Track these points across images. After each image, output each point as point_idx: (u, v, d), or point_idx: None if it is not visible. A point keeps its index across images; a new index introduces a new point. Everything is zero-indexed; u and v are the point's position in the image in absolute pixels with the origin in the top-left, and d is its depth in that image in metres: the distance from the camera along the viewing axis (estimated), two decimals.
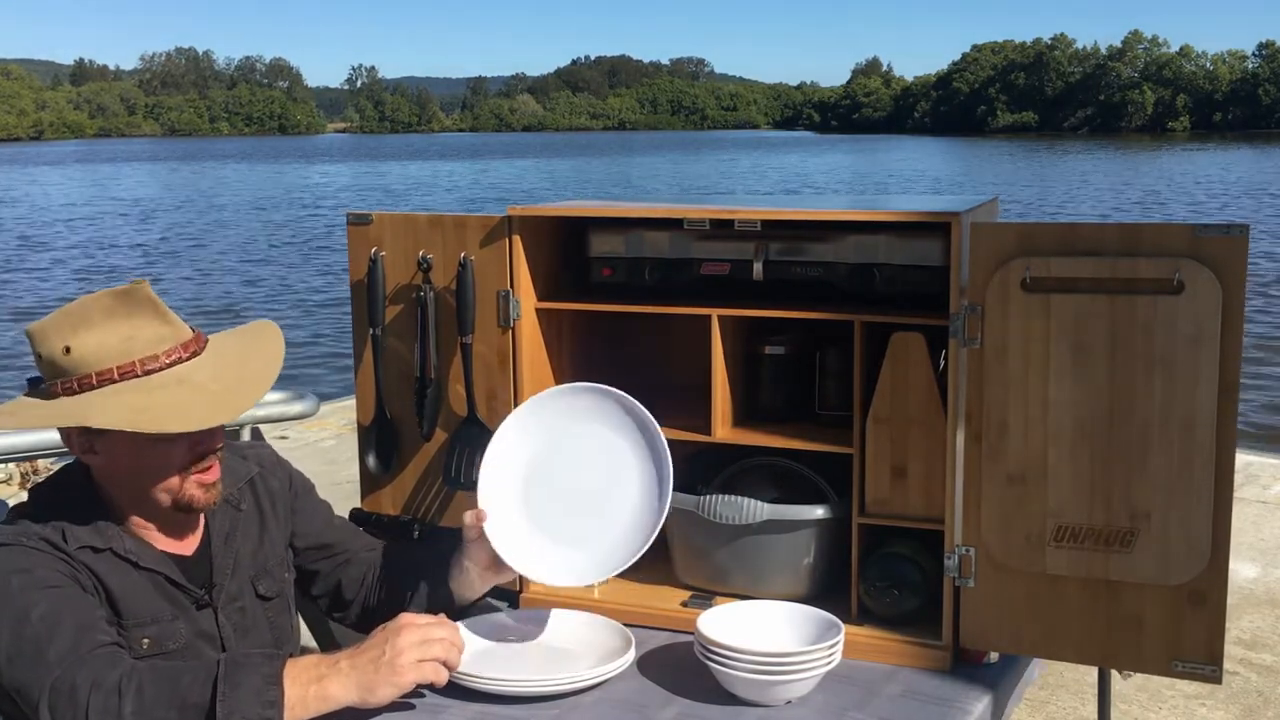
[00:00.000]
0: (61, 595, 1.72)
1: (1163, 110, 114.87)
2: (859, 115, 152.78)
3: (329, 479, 2.29)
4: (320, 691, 1.69)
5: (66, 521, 1.79)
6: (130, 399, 1.73)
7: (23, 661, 1.66)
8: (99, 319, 1.75)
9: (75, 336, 1.74)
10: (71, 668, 1.64)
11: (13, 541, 1.75)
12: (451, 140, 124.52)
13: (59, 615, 1.69)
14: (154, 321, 1.77)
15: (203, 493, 1.83)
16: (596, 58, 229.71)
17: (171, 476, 1.81)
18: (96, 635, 1.70)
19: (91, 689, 1.62)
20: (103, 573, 1.78)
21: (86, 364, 1.74)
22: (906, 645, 2.03)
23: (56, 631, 1.67)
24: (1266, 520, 5.49)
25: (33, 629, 1.67)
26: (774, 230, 2.21)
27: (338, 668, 1.71)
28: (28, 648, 1.66)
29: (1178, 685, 3.81)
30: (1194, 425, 1.82)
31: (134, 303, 1.76)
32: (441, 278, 2.27)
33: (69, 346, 1.74)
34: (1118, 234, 1.84)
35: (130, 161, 69.86)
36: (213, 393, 1.77)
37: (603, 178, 46.10)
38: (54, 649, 1.65)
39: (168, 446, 1.78)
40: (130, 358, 1.74)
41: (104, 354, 1.74)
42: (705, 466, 2.32)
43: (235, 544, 1.96)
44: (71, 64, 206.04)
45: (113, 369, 1.74)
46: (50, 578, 1.73)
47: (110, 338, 1.74)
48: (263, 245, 22.35)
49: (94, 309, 1.76)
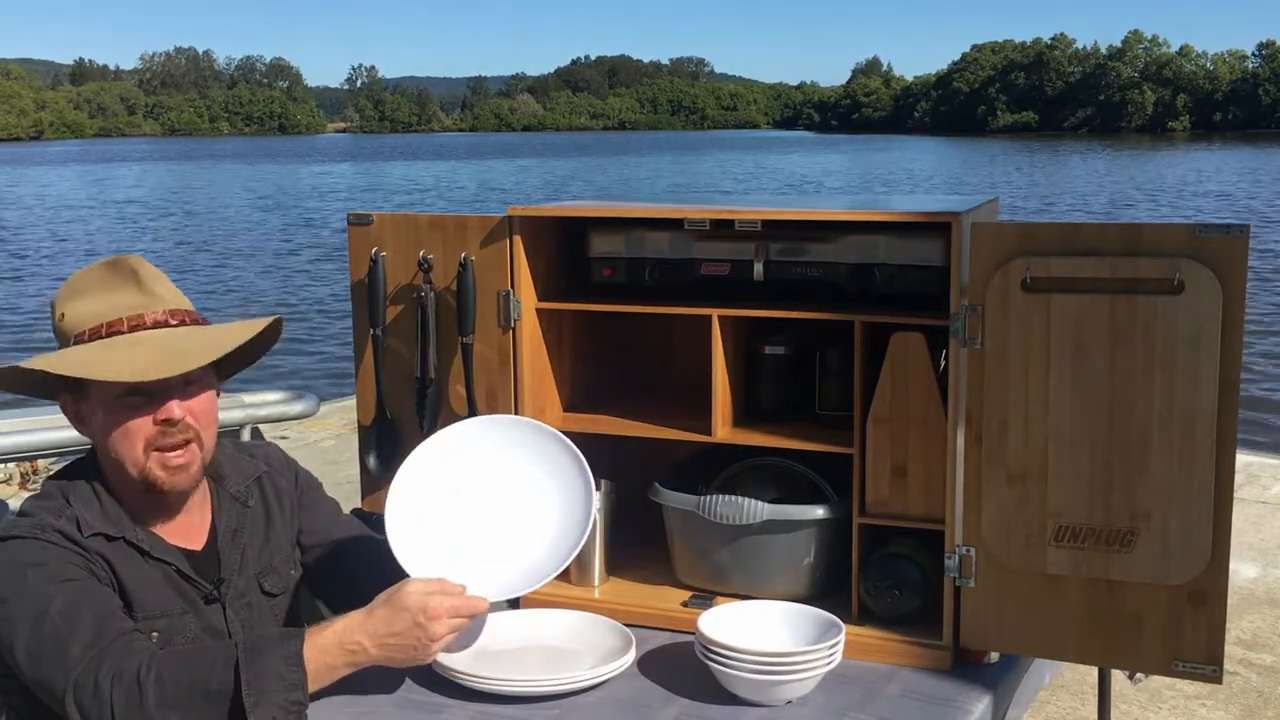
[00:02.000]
0: (78, 588, 1.74)
1: (1163, 110, 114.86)
2: (859, 115, 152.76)
3: (329, 479, 2.30)
4: (349, 664, 1.77)
5: (80, 509, 1.81)
6: (83, 353, 1.80)
7: (45, 658, 1.67)
8: (87, 287, 1.85)
9: (68, 304, 1.85)
10: (94, 661, 1.66)
11: (27, 535, 1.77)
12: (451, 140, 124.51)
13: (78, 608, 1.71)
14: (132, 291, 1.84)
15: (166, 474, 1.84)
16: (596, 58, 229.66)
17: (136, 449, 1.82)
18: (115, 624, 1.72)
19: (114, 682, 1.64)
20: (116, 562, 1.81)
21: (73, 328, 1.83)
22: (907, 645, 2.03)
23: (77, 625, 1.69)
24: (1266, 520, 5.49)
25: (52, 624, 1.68)
26: (774, 230, 2.21)
27: (369, 653, 1.77)
28: (48, 644, 1.68)
29: (1178, 685, 3.81)
30: (1194, 425, 1.82)
31: (119, 273, 1.85)
32: (442, 278, 2.27)
33: (63, 314, 1.85)
34: (1118, 234, 1.84)
35: (134, 161, 69.86)
36: (162, 351, 1.79)
37: (603, 179, 46.09)
38: (76, 643, 1.67)
39: (127, 411, 1.81)
40: (101, 320, 1.82)
41: (84, 318, 1.83)
42: (705, 466, 2.32)
43: (242, 540, 1.97)
44: (71, 64, 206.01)
45: (85, 331, 1.82)
46: (66, 571, 1.75)
47: (94, 304, 1.83)
48: (262, 245, 22.35)
49: (85, 278, 1.86)
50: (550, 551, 1.95)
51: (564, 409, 2.41)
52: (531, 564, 1.94)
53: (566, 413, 2.40)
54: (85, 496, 1.84)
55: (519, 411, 2.27)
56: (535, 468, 2.03)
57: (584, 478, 1.99)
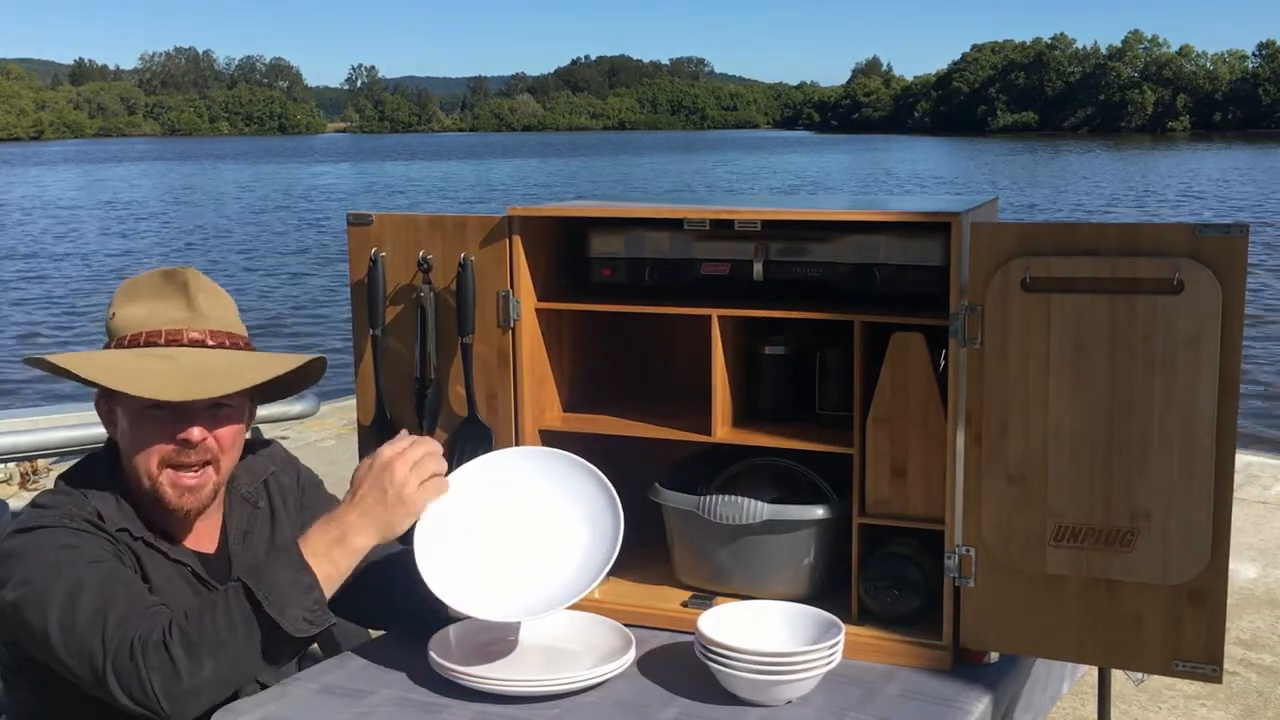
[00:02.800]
0: (110, 569, 1.76)
1: (1163, 110, 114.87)
2: (859, 115, 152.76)
3: (329, 479, 2.30)
4: (345, 550, 1.77)
5: (98, 505, 1.83)
6: (114, 359, 1.82)
7: (81, 632, 1.69)
8: (141, 292, 1.88)
9: (121, 306, 1.88)
10: (129, 630, 1.68)
11: (56, 523, 1.79)
12: (451, 140, 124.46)
13: (112, 585, 1.73)
14: (179, 304, 1.86)
15: (175, 493, 1.84)
16: (596, 58, 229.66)
17: (151, 459, 1.83)
18: (148, 598, 1.75)
19: (143, 651, 1.66)
20: (140, 555, 1.81)
21: (118, 330, 1.86)
22: (906, 645, 2.03)
23: (113, 600, 1.71)
24: (1266, 520, 5.49)
25: (89, 599, 1.70)
26: (774, 230, 2.21)
27: (349, 522, 1.78)
28: (84, 619, 1.69)
29: (1178, 685, 3.81)
30: (1194, 425, 1.82)
31: (172, 284, 1.88)
32: (441, 278, 2.27)
33: (114, 313, 1.88)
34: (1118, 234, 1.84)
35: (136, 161, 69.81)
36: (189, 371, 1.80)
37: (603, 179, 46.06)
38: (113, 615, 1.69)
39: (151, 423, 1.82)
40: (142, 328, 1.84)
41: (131, 323, 1.86)
42: (705, 466, 2.32)
43: (253, 542, 1.98)
44: (71, 64, 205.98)
45: (127, 336, 1.84)
46: (97, 554, 1.77)
47: (141, 310, 1.86)
48: (262, 245, 22.34)
49: (141, 283, 1.90)
50: (576, 575, 1.95)
51: (564, 409, 2.41)
52: (559, 586, 1.94)
53: (566, 413, 2.40)
54: (103, 495, 1.85)
55: (519, 411, 2.27)
56: (564, 497, 2.03)
57: (612, 508, 2.00)
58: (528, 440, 2.27)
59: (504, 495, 2.04)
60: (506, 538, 2.01)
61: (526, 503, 2.04)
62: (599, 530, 1.99)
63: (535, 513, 2.03)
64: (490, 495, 2.04)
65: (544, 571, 1.97)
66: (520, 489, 2.05)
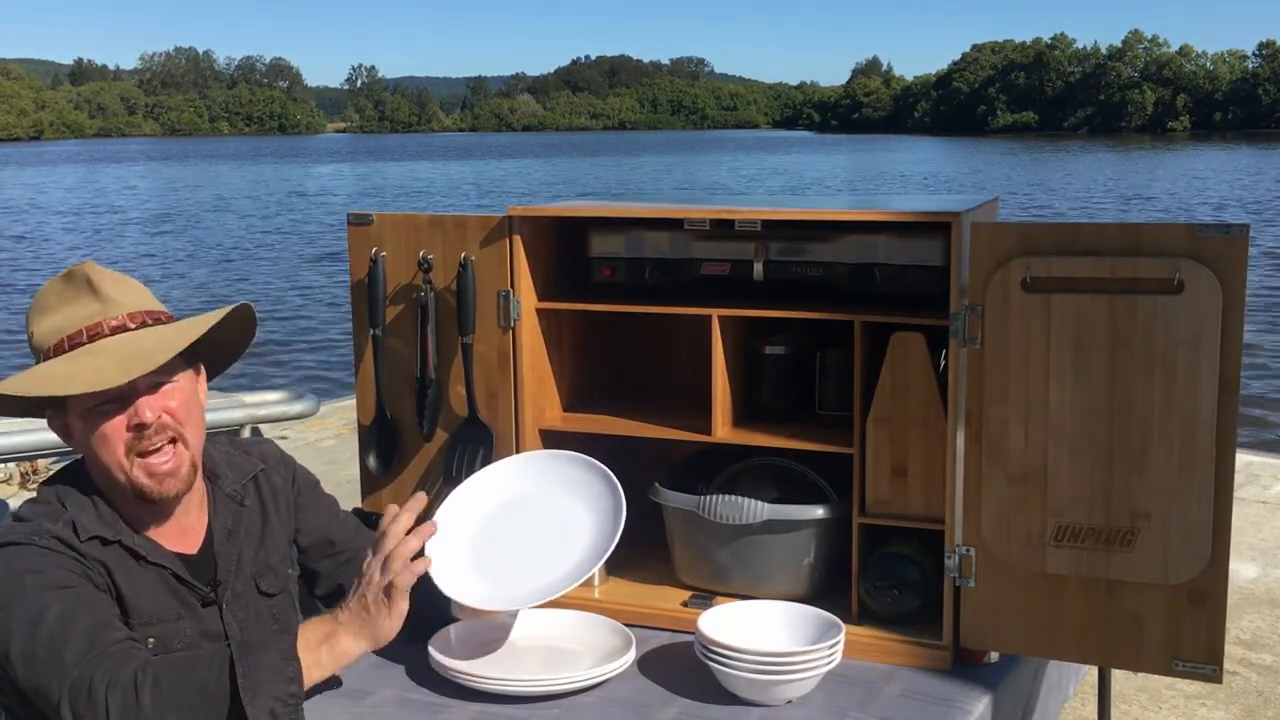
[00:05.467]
0: (75, 595, 1.73)
1: (1163, 110, 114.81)
2: (859, 115, 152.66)
3: (329, 479, 2.29)
4: (333, 650, 1.75)
5: (76, 513, 1.81)
6: (44, 370, 1.81)
7: (39, 663, 1.67)
8: (49, 302, 1.85)
9: (36, 322, 1.85)
10: (88, 667, 1.65)
11: (25, 541, 1.76)
12: (451, 140, 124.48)
13: (74, 615, 1.70)
14: (88, 300, 1.84)
15: (153, 482, 1.83)
16: (596, 58, 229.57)
17: (117, 453, 1.82)
18: (111, 633, 1.71)
19: (108, 688, 1.63)
20: (112, 567, 1.80)
21: (41, 346, 1.84)
22: (907, 645, 2.03)
23: (72, 632, 1.68)
24: (1266, 520, 5.49)
25: (48, 630, 1.68)
26: (774, 230, 2.21)
27: (340, 623, 1.77)
28: (43, 649, 1.67)
29: (1178, 685, 3.81)
30: (1194, 425, 1.82)
31: (75, 284, 1.85)
32: (442, 278, 2.27)
33: (32, 332, 1.86)
34: (1118, 234, 1.84)
35: (133, 161, 69.85)
36: (120, 356, 1.79)
37: (603, 180, 46.07)
38: (70, 650, 1.66)
39: (102, 419, 1.80)
40: (62, 334, 1.82)
41: (49, 334, 1.83)
42: (705, 466, 2.32)
43: (239, 541, 1.96)
44: (71, 64, 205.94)
45: (50, 347, 1.82)
46: (64, 578, 1.74)
47: (55, 319, 1.84)
48: (262, 245, 22.34)
49: (47, 293, 1.87)
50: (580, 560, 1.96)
51: (564, 409, 2.41)
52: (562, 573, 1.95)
53: (566, 413, 2.40)
54: (81, 501, 1.83)
55: (519, 411, 2.27)
56: (566, 494, 2.04)
57: (612, 491, 2.01)
58: (528, 440, 2.27)
59: (503, 499, 2.05)
60: (508, 537, 2.01)
61: (528, 504, 2.05)
62: (600, 511, 1.99)
63: (537, 511, 2.04)
64: (490, 502, 2.05)
65: (549, 559, 1.97)
66: (519, 492, 2.06)
